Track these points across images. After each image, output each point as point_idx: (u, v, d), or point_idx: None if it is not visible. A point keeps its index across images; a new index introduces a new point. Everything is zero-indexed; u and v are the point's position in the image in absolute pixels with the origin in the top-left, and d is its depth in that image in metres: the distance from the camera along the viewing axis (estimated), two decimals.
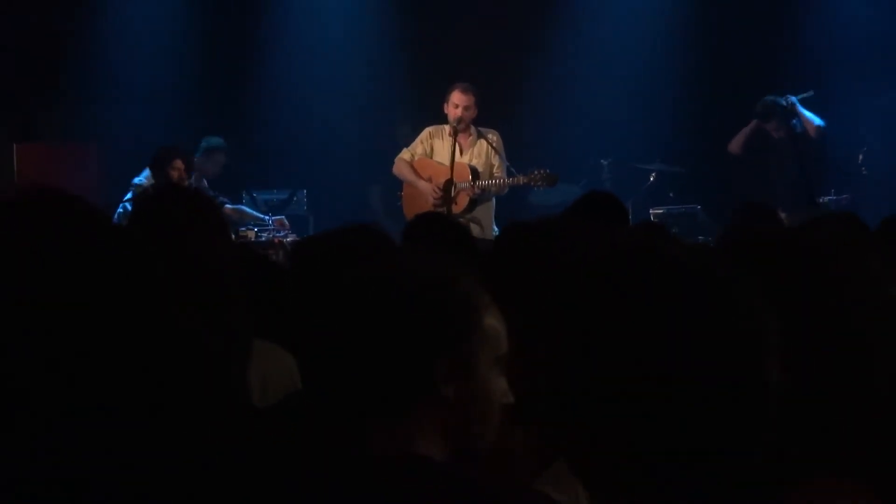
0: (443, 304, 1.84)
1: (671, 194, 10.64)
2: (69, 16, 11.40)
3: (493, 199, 8.99)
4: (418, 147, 9.10)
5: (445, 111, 8.87)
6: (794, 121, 9.69)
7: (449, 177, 8.74)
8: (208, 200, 3.43)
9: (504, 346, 1.90)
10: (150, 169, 9.65)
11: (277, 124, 11.80)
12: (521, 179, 8.72)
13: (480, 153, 8.96)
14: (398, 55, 11.86)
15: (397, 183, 9.32)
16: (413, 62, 11.80)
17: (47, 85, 11.14)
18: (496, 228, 8.73)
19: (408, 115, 11.22)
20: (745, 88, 10.52)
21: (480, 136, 8.93)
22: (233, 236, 9.26)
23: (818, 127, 9.61)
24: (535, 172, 8.68)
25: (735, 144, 10.01)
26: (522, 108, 11.39)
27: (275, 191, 11.23)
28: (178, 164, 9.56)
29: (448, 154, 8.79)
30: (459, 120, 8.80)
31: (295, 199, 11.27)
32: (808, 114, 9.66)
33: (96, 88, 11.21)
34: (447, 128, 8.87)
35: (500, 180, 8.78)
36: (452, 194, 8.80)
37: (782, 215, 6.99)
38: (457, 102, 8.81)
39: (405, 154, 9.15)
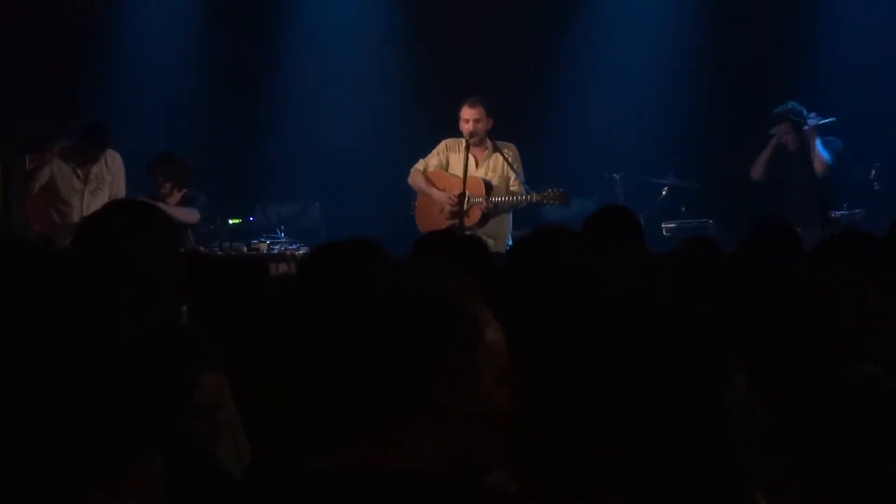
0: (442, 318, 1.83)
1: (683, 208, 10.64)
2: (82, 29, 11.44)
3: (510, 213, 9.01)
4: (433, 158, 9.15)
5: (460, 128, 8.92)
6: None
7: (462, 189, 8.78)
8: (148, 210, 3.51)
9: (506, 360, 1.90)
10: (148, 171, 9.76)
11: (290, 137, 11.82)
12: (535, 197, 8.76)
13: (496, 167, 9.01)
14: (411, 70, 11.88)
15: (410, 194, 9.36)
16: (425, 77, 11.81)
17: (60, 97, 11.16)
18: (511, 242, 8.75)
19: (423, 127, 11.23)
20: (758, 103, 10.50)
21: (496, 149, 8.96)
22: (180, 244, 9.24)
23: (825, 163, 9.56)
24: (549, 191, 8.73)
25: (757, 171, 9.94)
26: (535, 123, 11.39)
27: (288, 203, 11.25)
28: (164, 182, 9.64)
29: (465, 168, 8.83)
30: (472, 134, 8.84)
31: (307, 211, 11.28)
32: (819, 146, 9.61)
33: (110, 101, 11.24)
34: (463, 141, 8.89)
35: (513, 197, 8.83)
36: (465, 207, 8.82)
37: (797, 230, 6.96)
38: (466, 117, 8.87)
39: (420, 164, 9.19)
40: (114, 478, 1.47)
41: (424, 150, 9.30)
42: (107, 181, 9.63)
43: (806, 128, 9.61)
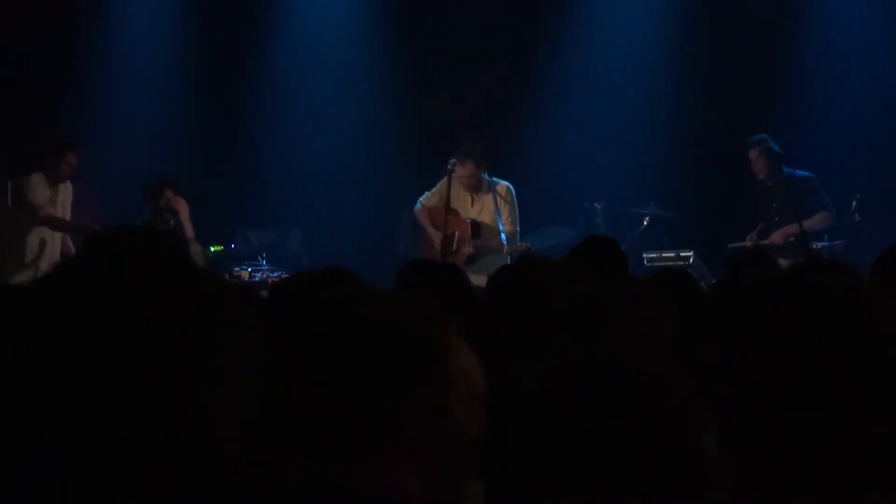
0: (408, 348, 1.82)
1: (665, 238, 10.65)
2: (68, 56, 11.42)
3: (506, 256, 9.20)
4: (434, 196, 9.50)
5: (449, 167, 9.26)
6: (786, 168, 9.72)
7: (452, 230, 9.15)
8: (157, 238, 3.46)
9: (479, 387, 1.89)
10: (144, 198, 9.70)
11: (273, 163, 11.81)
12: (505, 248, 9.02)
13: (490, 205, 9.32)
14: (395, 94, 11.89)
15: (396, 220, 9.61)
16: (407, 106, 11.83)
17: (43, 122, 11.13)
18: None
19: (406, 155, 11.27)
20: (740, 134, 10.54)
21: (490, 188, 9.32)
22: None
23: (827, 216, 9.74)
24: (516, 245, 9.05)
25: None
26: (518, 152, 11.40)
27: (269, 229, 11.23)
28: (168, 193, 9.61)
29: (460, 205, 9.27)
30: (466, 187, 9.31)
31: (290, 237, 11.27)
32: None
33: (91, 125, 11.21)
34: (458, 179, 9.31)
35: (491, 246, 9.13)
36: (454, 248, 9.16)
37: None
38: (459, 174, 9.25)
39: (424, 199, 9.58)
40: None
41: (406, 175, 9.43)
42: (66, 210, 9.60)
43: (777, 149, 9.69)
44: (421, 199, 9.56)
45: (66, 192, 9.61)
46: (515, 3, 11.85)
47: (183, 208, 9.56)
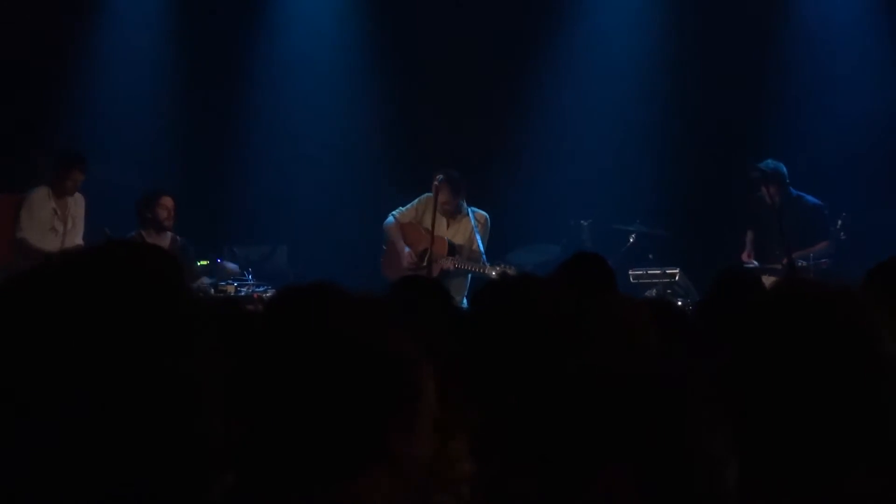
0: (388, 367, 1.82)
1: (651, 256, 10.65)
2: (50, 70, 11.41)
3: (468, 277, 9.44)
4: (410, 212, 9.66)
5: (435, 183, 9.44)
6: (795, 191, 9.81)
7: (426, 247, 9.33)
8: (157, 254, 3.43)
9: (436, 407, 1.89)
10: (137, 213, 9.73)
11: (259, 179, 11.81)
12: (490, 270, 9.15)
13: (466, 230, 9.55)
14: (381, 112, 11.90)
15: (384, 237, 9.67)
16: (396, 120, 11.84)
17: (24, 136, 11.12)
18: (465, 303, 8.90)
19: (392, 172, 11.27)
20: (727, 151, 10.58)
21: (468, 214, 9.55)
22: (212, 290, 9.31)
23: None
24: (502, 267, 9.15)
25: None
26: (503, 168, 11.42)
27: (256, 245, 11.22)
28: (166, 201, 9.67)
29: (437, 225, 9.37)
30: (443, 212, 9.50)
31: (276, 253, 11.26)
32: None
33: (78, 139, 11.19)
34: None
35: (477, 266, 9.31)
36: (425, 263, 9.31)
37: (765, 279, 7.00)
38: (440, 200, 9.46)
39: (398, 213, 9.70)
40: None
41: (392, 192, 9.49)
42: (77, 220, 9.63)
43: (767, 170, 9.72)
44: (394, 213, 9.67)
45: (76, 204, 9.77)
46: (503, 20, 11.86)
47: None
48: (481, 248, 9.39)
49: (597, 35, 11.75)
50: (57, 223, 9.53)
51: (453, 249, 9.43)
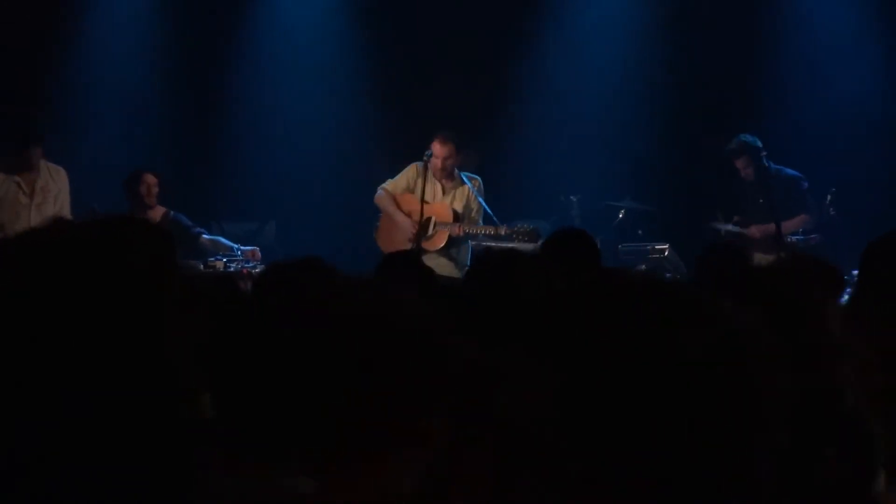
0: (424, 347, 1.77)
1: (640, 231, 10.65)
2: (39, 51, 11.34)
3: (469, 243, 9.21)
4: (402, 181, 9.39)
5: (430, 164, 9.18)
6: (765, 162, 9.73)
7: (421, 215, 9.02)
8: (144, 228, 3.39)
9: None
10: (124, 191, 9.80)
11: (247, 155, 11.78)
12: (504, 230, 8.89)
13: (462, 197, 9.29)
14: (371, 88, 11.87)
15: (374, 212, 9.56)
16: (382, 96, 11.81)
17: (12, 115, 11.05)
18: None
19: (381, 148, 11.24)
20: (717, 127, 10.56)
21: (463, 181, 9.28)
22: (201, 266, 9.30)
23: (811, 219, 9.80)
24: (519, 227, 8.96)
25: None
26: (493, 145, 11.40)
27: (244, 222, 11.19)
28: (148, 178, 9.70)
29: (430, 193, 9.17)
30: (441, 170, 9.18)
31: (264, 230, 11.24)
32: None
33: (65, 117, 11.16)
34: (428, 168, 9.20)
35: (485, 229, 9.09)
36: (430, 232, 9.06)
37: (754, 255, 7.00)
38: (437, 154, 9.17)
39: (388, 185, 9.44)
40: None
41: (381, 168, 9.40)
42: (52, 193, 9.54)
43: (758, 144, 9.70)
44: (384, 185, 9.49)
45: (53, 179, 9.54)
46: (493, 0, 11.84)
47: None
48: (486, 209, 9.22)
49: (588, 14, 11.72)
50: (23, 197, 9.45)
51: (457, 217, 9.20)
